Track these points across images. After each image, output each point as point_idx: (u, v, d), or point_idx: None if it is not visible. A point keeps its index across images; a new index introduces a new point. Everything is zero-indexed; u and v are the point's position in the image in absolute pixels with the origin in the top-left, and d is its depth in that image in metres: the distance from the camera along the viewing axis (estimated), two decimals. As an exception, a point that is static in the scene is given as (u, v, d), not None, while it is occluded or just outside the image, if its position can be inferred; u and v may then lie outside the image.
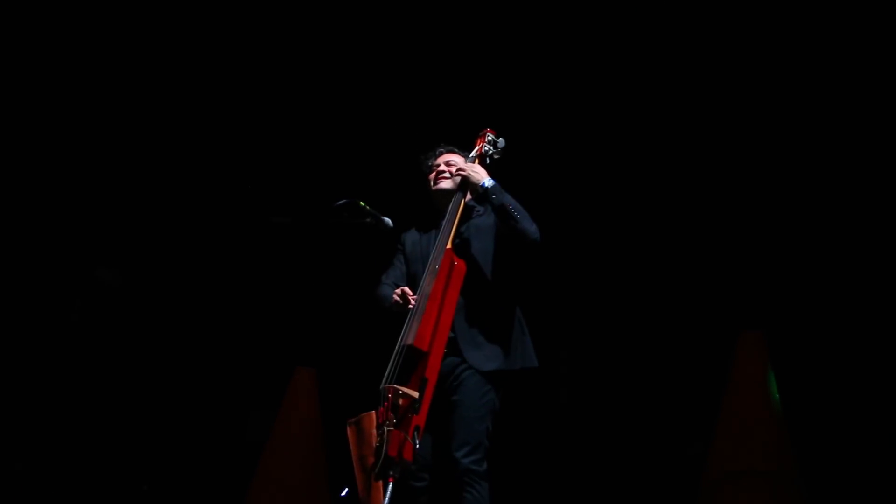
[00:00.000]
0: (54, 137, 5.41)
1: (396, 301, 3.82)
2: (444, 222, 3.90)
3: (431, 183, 4.03)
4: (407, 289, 3.83)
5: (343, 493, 4.09)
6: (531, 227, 3.79)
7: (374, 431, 3.59)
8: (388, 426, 3.55)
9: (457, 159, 4.03)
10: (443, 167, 3.99)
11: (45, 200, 5.37)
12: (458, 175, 3.93)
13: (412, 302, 3.77)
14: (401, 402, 3.58)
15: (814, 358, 4.77)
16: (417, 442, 3.51)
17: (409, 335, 3.69)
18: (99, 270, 5.41)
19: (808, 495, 4.06)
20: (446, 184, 3.96)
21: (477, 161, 4.01)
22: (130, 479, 5.11)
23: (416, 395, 3.57)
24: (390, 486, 3.50)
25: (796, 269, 4.98)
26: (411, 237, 4.07)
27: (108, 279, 5.41)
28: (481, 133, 4.09)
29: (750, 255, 5.02)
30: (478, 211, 3.98)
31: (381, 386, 3.67)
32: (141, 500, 4.89)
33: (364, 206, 3.92)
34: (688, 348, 4.98)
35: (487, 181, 3.85)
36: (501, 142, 4.06)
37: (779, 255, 5.00)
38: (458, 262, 3.76)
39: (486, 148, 4.03)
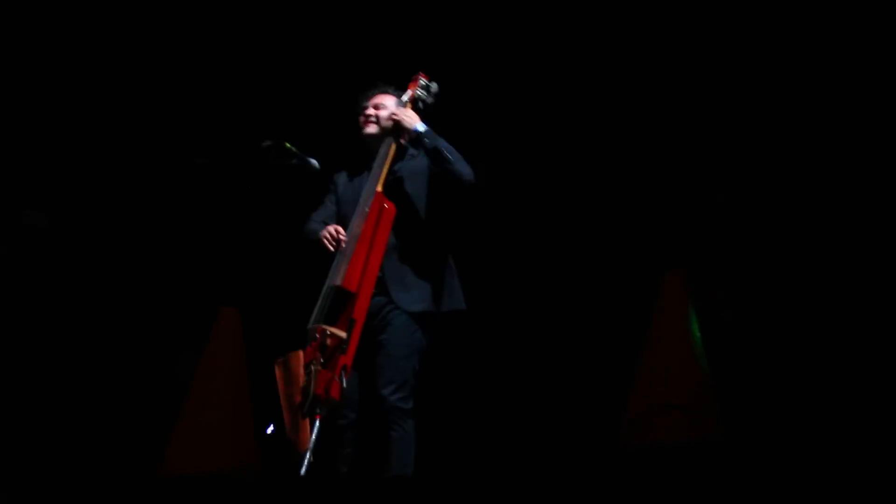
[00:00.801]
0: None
1: (326, 237, 3.78)
2: (374, 165, 3.87)
3: (360, 127, 3.99)
4: (339, 227, 3.80)
5: (269, 431, 4.10)
6: (466, 169, 3.78)
7: (302, 371, 3.59)
8: (315, 366, 3.56)
9: (388, 101, 3.97)
10: (370, 111, 3.95)
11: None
12: (391, 119, 3.89)
13: (343, 242, 3.75)
14: (328, 342, 3.59)
15: (736, 294, 4.85)
16: (345, 381, 3.53)
17: (337, 276, 3.67)
18: (26, 213, 5.30)
19: (725, 427, 4.22)
20: (371, 128, 3.93)
21: (409, 105, 3.97)
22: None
23: (343, 335, 3.57)
24: (317, 423, 3.52)
25: (718, 206, 5.02)
26: (343, 178, 4.03)
27: (36, 222, 5.33)
28: (414, 77, 4.05)
29: (673, 194, 5.06)
30: (411, 153, 3.95)
31: (309, 326, 3.66)
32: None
33: (290, 148, 3.85)
34: (612, 288, 5.03)
35: (419, 125, 3.83)
36: (434, 86, 4.02)
37: (700, 193, 5.04)
38: (388, 205, 3.75)
39: (419, 93, 4.00)
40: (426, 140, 3.80)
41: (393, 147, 3.90)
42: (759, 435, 4.27)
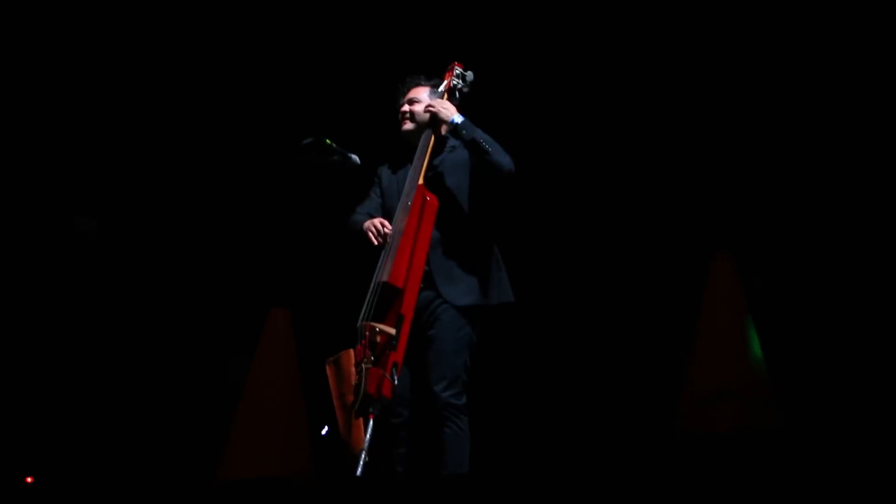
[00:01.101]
0: (25, 88, 5.33)
1: (371, 230, 3.76)
2: (415, 158, 3.84)
3: (399, 125, 3.98)
4: (385, 221, 3.78)
5: (324, 432, 4.09)
6: (504, 159, 3.74)
7: (353, 369, 3.56)
8: (366, 364, 3.52)
9: (422, 95, 3.95)
10: (405, 107, 3.93)
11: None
12: (428, 111, 3.86)
13: (388, 233, 3.72)
14: (378, 339, 3.55)
15: (787, 278, 4.78)
16: (396, 378, 3.49)
17: (384, 272, 3.64)
18: (76, 219, 5.33)
19: (782, 414, 4.14)
20: (408, 125, 3.91)
21: (445, 96, 3.94)
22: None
23: (392, 331, 3.53)
24: (371, 422, 3.49)
25: (768, 191, 4.96)
26: (386, 171, 4.01)
27: (86, 228, 5.36)
28: (449, 67, 4.01)
29: (722, 179, 5.01)
30: (452, 145, 3.92)
31: (358, 324, 3.62)
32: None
33: (331, 144, 3.83)
34: (660, 273, 4.97)
35: (457, 117, 3.79)
36: (470, 75, 3.98)
37: (750, 178, 4.99)
38: (431, 198, 3.71)
39: (455, 82, 3.95)
40: (463, 131, 3.76)
41: (432, 139, 3.87)
42: (816, 423, 4.21)
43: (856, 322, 4.58)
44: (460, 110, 3.83)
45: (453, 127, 3.78)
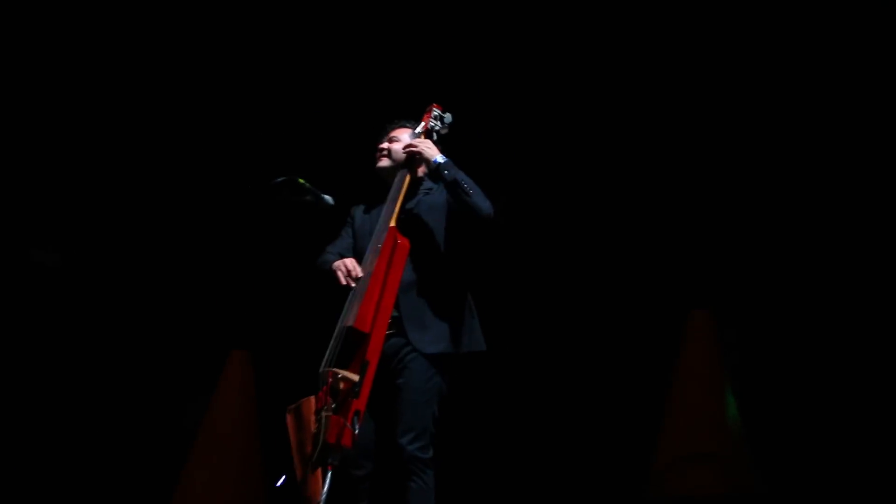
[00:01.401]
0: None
1: (340, 269, 3.67)
2: (388, 198, 3.78)
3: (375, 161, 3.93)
4: (355, 262, 3.69)
5: (279, 482, 3.94)
6: (485, 204, 3.68)
7: (313, 417, 3.43)
8: (326, 411, 3.38)
9: (404, 135, 3.92)
10: (384, 144, 3.89)
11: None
12: (408, 152, 3.81)
13: (358, 275, 3.63)
14: (341, 385, 3.43)
15: (765, 335, 4.74)
16: (357, 427, 3.36)
17: (349, 316, 3.53)
18: (34, 252, 5.22)
19: (760, 476, 4.04)
20: (383, 162, 3.87)
21: (422, 137, 3.89)
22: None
23: (356, 378, 3.41)
24: (329, 474, 3.35)
25: (744, 245, 4.92)
26: (360, 212, 3.95)
27: (46, 261, 5.26)
28: (427, 108, 3.98)
29: (697, 234, 4.98)
30: (427, 187, 3.87)
31: (321, 369, 3.50)
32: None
33: (304, 184, 3.74)
34: (635, 328, 4.91)
35: (439, 157, 3.74)
36: (448, 117, 3.95)
37: (725, 233, 4.96)
38: (402, 241, 3.62)
39: (433, 124, 3.92)
40: (445, 172, 3.71)
41: (407, 180, 3.83)
42: (796, 488, 4.15)
43: (839, 379, 4.54)
44: (440, 151, 3.79)
45: (435, 167, 3.74)
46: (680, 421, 4.17)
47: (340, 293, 3.64)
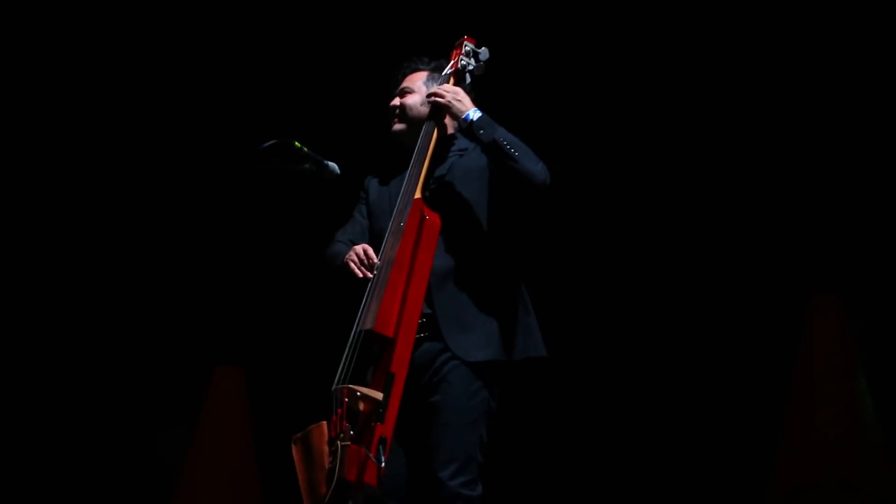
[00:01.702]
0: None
1: (353, 260, 3.24)
2: (411, 164, 3.30)
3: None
4: (369, 248, 3.26)
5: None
6: (537, 167, 3.20)
7: (326, 448, 3.04)
8: (342, 440, 2.98)
9: (418, 83, 3.45)
10: (396, 100, 3.46)
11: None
12: (433, 101, 3.34)
13: (375, 263, 3.21)
14: (360, 406, 3.04)
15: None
16: (384, 460, 2.94)
17: (367, 318, 3.10)
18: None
19: None
20: (398, 126, 3.44)
21: (452, 80, 3.37)
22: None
23: (379, 396, 2.99)
24: (349, 519, 3.07)
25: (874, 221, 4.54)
26: (375, 184, 3.52)
27: None
28: (457, 43, 3.45)
29: (819, 210, 4.61)
30: (460, 147, 3.40)
31: (334, 387, 3.09)
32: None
33: (301, 148, 3.31)
34: (746, 322, 4.55)
35: (472, 112, 3.26)
36: (484, 52, 3.41)
37: (851, 209, 4.58)
38: (431, 217, 3.15)
39: (464, 62, 3.40)
40: (481, 131, 3.23)
41: (434, 136, 3.34)
42: None
43: None
44: (475, 102, 3.30)
45: (467, 125, 3.28)
46: (803, 436, 3.82)
47: (357, 288, 3.21)
